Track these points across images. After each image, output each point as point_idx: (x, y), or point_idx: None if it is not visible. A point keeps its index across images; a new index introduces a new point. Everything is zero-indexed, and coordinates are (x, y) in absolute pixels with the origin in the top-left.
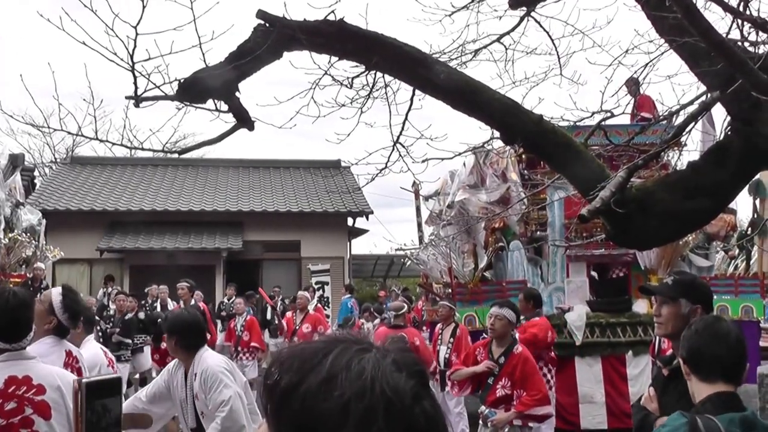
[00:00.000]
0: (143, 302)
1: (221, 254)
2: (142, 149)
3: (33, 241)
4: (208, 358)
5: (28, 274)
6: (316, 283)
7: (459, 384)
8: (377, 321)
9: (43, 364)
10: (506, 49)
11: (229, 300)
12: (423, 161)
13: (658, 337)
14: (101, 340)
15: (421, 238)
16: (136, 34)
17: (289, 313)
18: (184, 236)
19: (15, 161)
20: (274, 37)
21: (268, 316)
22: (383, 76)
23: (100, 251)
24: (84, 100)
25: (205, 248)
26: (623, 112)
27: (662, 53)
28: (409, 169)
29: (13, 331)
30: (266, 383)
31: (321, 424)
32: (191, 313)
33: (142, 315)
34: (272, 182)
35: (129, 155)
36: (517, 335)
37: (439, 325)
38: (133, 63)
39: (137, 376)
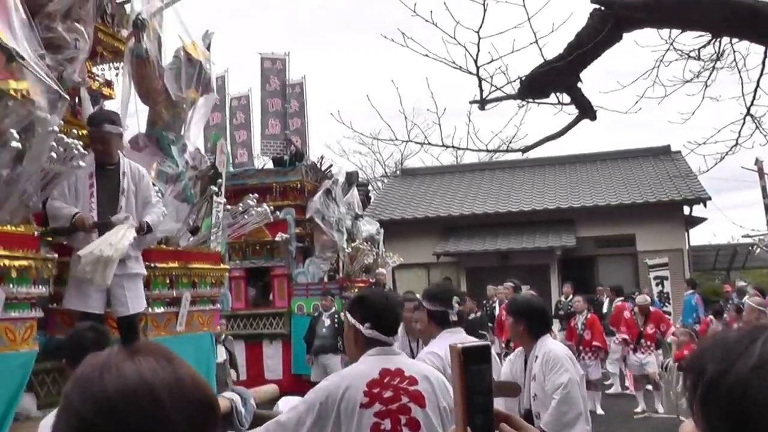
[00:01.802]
0: (483, 302)
1: (555, 252)
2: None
3: (373, 249)
4: (551, 343)
5: (371, 279)
6: (655, 278)
7: None
8: None
9: (408, 358)
10: None
11: (566, 299)
12: None
13: None
14: None
15: None
16: (479, 38)
17: (627, 313)
18: (516, 237)
19: (350, 178)
20: (612, 20)
21: (604, 310)
22: (730, 42)
23: (436, 255)
24: (428, 110)
25: (539, 247)
26: None
27: None
28: (767, 141)
29: (394, 327)
30: (690, 375)
31: (754, 415)
32: (541, 300)
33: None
34: (600, 176)
35: (455, 163)
36: None
37: None
38: (478, 67)
39: None
